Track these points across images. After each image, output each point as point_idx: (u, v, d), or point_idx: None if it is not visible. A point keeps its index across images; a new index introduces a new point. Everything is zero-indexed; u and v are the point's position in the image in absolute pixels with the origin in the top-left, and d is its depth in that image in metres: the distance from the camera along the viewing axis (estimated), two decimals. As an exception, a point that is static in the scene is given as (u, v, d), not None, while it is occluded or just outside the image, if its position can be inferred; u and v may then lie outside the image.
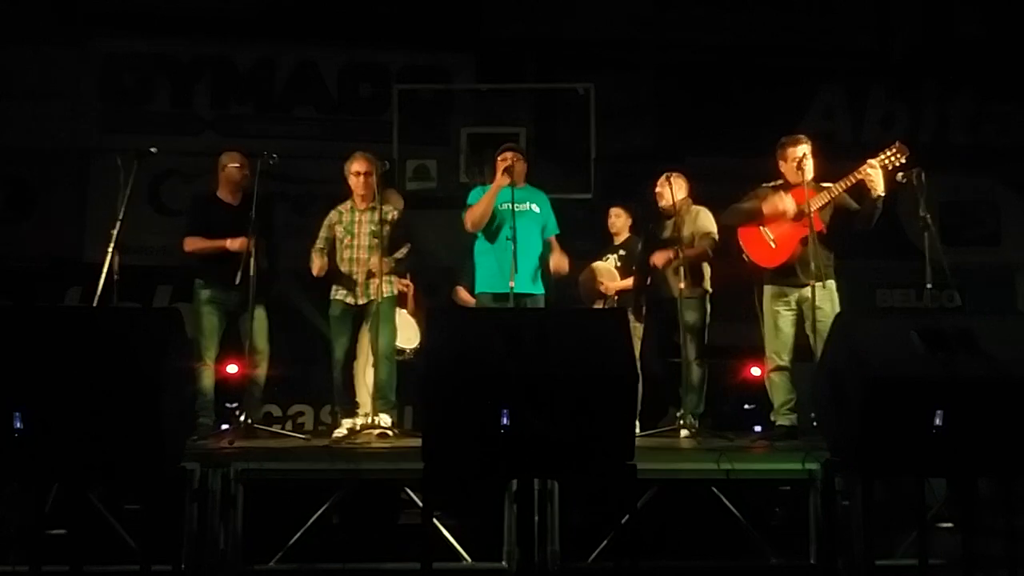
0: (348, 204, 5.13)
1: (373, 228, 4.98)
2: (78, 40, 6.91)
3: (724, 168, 6.26)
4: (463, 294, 5.78)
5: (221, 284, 4.84)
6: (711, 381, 5.21)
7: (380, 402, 4.91)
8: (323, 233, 5.13)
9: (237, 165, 5.04)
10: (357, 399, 5.17)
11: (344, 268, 5.05)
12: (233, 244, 4.82)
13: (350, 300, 5.03)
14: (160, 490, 3.36)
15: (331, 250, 5.08)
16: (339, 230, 5.08)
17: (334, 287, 5.08)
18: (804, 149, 4.64)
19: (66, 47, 6.88)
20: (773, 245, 4.66)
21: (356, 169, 5.05)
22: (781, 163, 4.73)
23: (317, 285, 5.61)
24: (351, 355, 5.15)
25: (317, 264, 4.96)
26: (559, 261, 5.09)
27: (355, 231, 5.04)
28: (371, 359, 5.08)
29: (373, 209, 5.00)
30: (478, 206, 4.89)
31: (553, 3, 7.24)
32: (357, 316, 5.07)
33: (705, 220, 5.18)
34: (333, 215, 5.15)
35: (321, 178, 6.85)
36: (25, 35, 6.78)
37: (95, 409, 2.97)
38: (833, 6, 7.28)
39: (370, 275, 4.95)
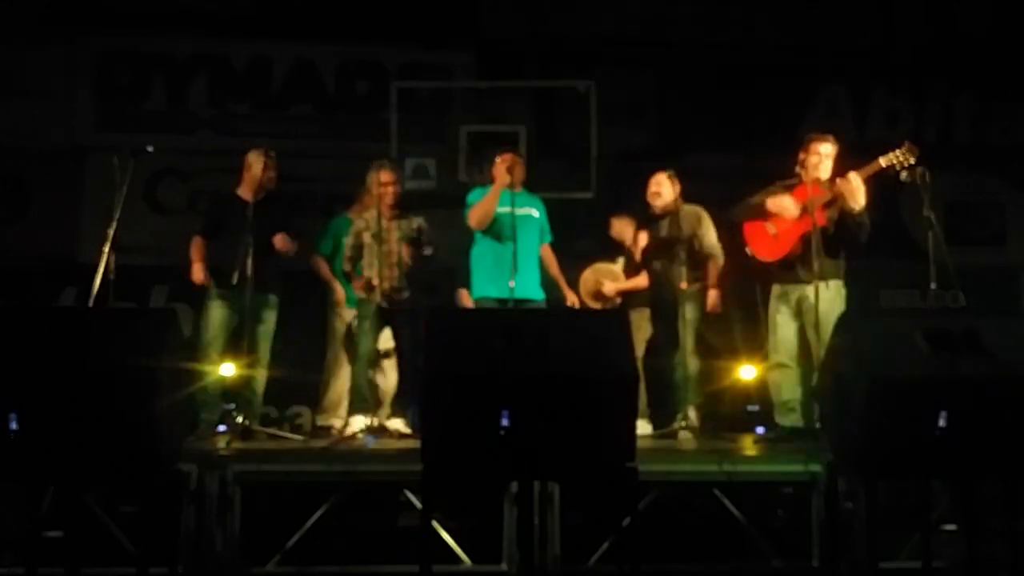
0: (374, 212, 5.14)
1: (401, 234, 5.09)
2: (72, 38, 6.86)
3: (726, 166, 6.24)
4: (466, 298, 5.75)
5: (231, 285, 4.82)
6: (711, 382, 5.19)
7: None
8: (351, 241, 5.19)
9: (263, 164, 5.02)
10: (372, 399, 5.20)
11: (372, 272, 5.09)
12: (194, 272, 4.91)
13: (381, 303, 5.06)
14: (157, 492, 3.34)
15: (356, 256, 5.17)
16: (367, 236, 5.12)
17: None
18: (824, 150, 4.59)
19: (60, 45, 6.82)
20: (773, 232, 4.64)
21: (384, 180, 5.13)
22: (802, 155, 4.65)
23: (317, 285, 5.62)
24: (373, 355, 5.18)
25: (360, 283, 5.09)
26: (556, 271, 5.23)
27: (385, 237, 5.07)
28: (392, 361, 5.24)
29: (401, 216, 5.13)
30: (481, 205, 4.87)
31: (554, 0, 7.21)
32: (382, 318, 5.11)
33: (708, 222, 5.14)
34: (360, 223, 5.19)
35: (318, 176, 6.81)
36: (19, 34, 6.73)
37: (91, 410, 2.95)
38: (836, 4, 7.24)
39: (397, 279, 5.05)
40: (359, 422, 5.01)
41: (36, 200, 6.72)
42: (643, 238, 5.24)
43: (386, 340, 5.31)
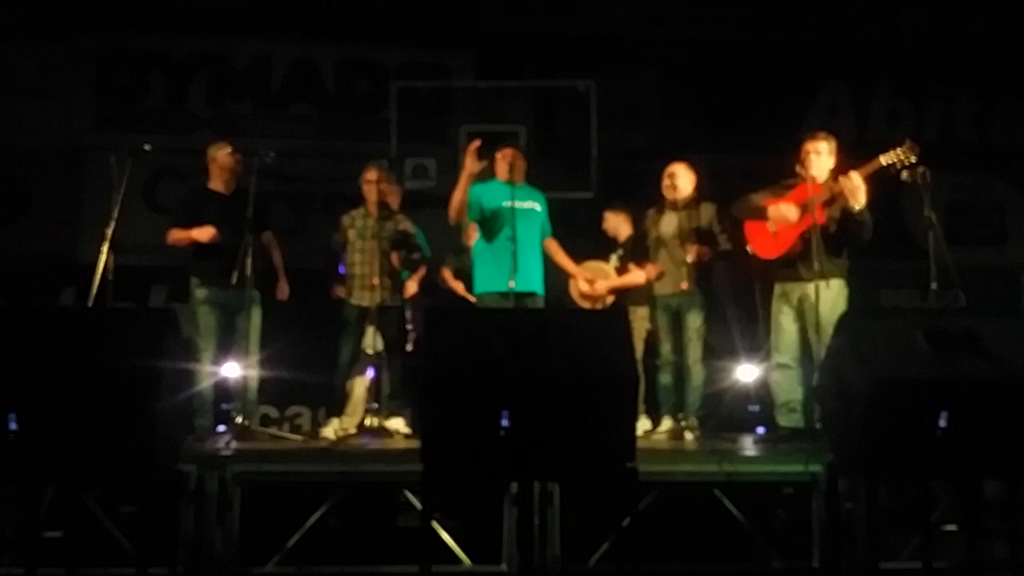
0: (361, 210, 5.22)
1: (385, 234, 5.10)
2: (72, 37, 6.88)
3: (727, 166, 6.23)
4: (448, 276, 5.79)
5: (218, 283, 4.80)
6: (712, 383, 5.19)
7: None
8: (339, 239, 5.25)
9: (229, 151, 5.00)
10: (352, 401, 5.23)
11: (356, 271, 5.13)
12: (200, 235, 4.81)
13: (363, 303, 5.09)
14: (156, 492, 3.33)
15: (342, 252, 5.22)
16: (351, 234, 5.17)
17: (345, 290, 5.20)
18: (814, 147, 4.60)
19: (60, 44, 6.85)
20: (773, 231, 4.64)
21: (368, 178, 5.20)
22: (800, 155, 4.65)
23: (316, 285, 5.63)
24: (357, 357, 5.20)
25: (341, 292, 5.17)
26: (564, 259, 5.17)
27: (368, 235, 5.13)
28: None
29: (387, 217, 5.14)
30: (453, 196, 4.85)
31: (554, 0, 7.22)
32: (366, 319, 5.14)
33: (722, 224, 5.11)
34: (346, 219, 5.25)
35: (318, 176, 6.82)
36: (18, 32, 6.75)
37: (90, 410, 2.94)
38: (838, 3, 7.25)
39: (381, 279, 5.06)
40: (335, 424, 5.07)
41: (35, 199, 6.74)
42: (657, 228, 5.16)
43: (377, 342, 5.31)
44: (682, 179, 5.05)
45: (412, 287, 5.61)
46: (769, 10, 7.24)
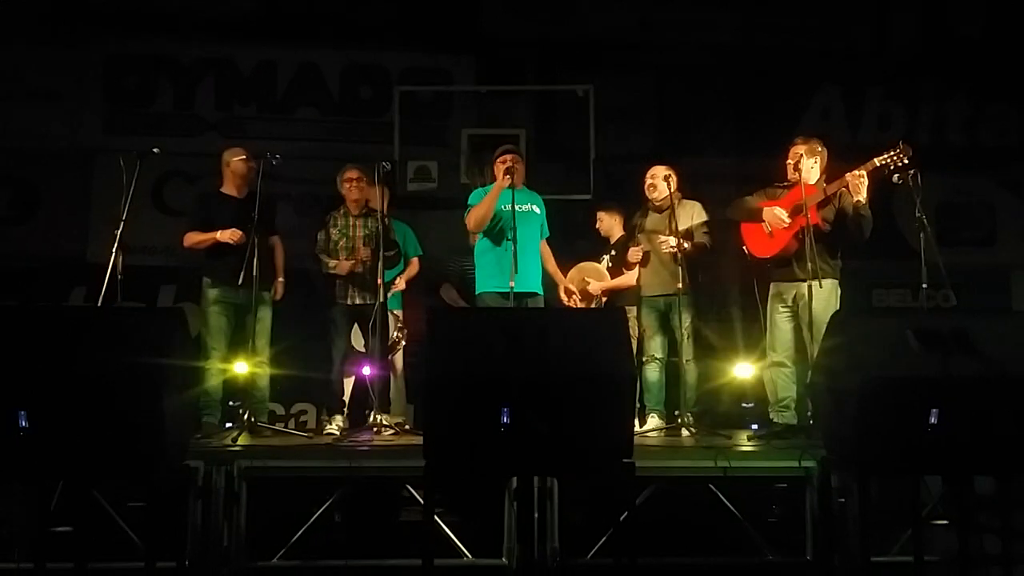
0: (342, 210, 5.33)
1: (367, 232, 5.18)
2: (80, 41, 6.93)
3: (723, 169, 6.29)
4: (449, 292, 5.84)
5: (229, 283, 4.89)
6: (708, 380, 5.25)
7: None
8: (322, 235, 5.34)
9: (243, 157, 5.09)
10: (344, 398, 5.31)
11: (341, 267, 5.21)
12: (223, 235, 4.89)
13: (348, 302, 5.18)
14: (164, 488, 3.38)
15: (324, 250, 5.29)
16: (334, 233, 5.28)
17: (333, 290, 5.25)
18: (800, 151, 4.69)
19: (68, 48, 6.90)
20: (768, 231, 4.72)
21: (348, 176, 5.30)
22: (789, 160, 4.76)
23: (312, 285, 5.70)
24: (346, 355, 5.27)
25: (345, 266, 5.17)
26: (553, 265, 5.26)
27: (350, 234, 5.23)
28: None
29: (367, 215, 5.19)
30: (480, 207, 4.93)
31: (553, 4, 7.27)
32: (353, 317, 5.22)
33: (701, 213, 5.19)
34: (329, 219, 5.36)
35: (323, 179, 6.88)
36: (27, 36, 6.81)
37: (99, 408, 3.00)
38: (831, 7, 7.30)
39: (365, 277, 5.11)
40: (338, 421, 5.14)
41: (45, 201, 6.79)
42: (642, 230, 5.23)
43: (360, 340, 5.38)
44: (662, 181, 5.13)
45: (400, 284, 5.65)
46: (763, 15, 7.29)
